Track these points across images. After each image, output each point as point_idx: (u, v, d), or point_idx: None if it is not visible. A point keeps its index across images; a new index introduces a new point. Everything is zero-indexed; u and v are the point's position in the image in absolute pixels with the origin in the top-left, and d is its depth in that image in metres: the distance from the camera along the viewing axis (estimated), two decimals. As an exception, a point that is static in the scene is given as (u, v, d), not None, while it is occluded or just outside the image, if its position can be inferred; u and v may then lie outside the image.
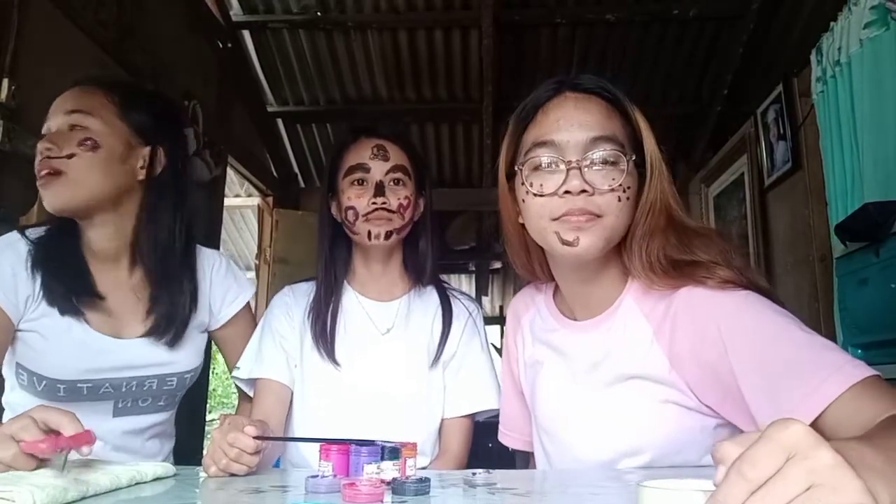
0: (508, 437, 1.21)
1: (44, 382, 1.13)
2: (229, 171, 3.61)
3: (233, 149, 3.46)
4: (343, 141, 1.33)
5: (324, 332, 1.28)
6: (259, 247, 4.17)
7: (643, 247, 0.90)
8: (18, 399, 1.18)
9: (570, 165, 0.88)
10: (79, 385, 1.15)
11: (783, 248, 3.06)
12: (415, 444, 0.84)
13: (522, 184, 0.92)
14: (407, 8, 3.41)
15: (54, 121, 1.17)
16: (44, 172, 1.13)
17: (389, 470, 0.79)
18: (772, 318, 0.80)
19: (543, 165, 0.90)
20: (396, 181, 1.28)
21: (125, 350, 1.18)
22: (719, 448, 0.48)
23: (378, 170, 1.27)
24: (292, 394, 1.29)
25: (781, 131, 2.96)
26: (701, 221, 3.84)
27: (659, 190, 0.92)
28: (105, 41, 2.26)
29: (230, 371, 1.37)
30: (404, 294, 1.35)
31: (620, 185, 0.88)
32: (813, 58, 2.51)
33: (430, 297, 1.37)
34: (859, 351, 1.78)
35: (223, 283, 1.34)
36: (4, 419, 1.16)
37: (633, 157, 0.91)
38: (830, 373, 0.72)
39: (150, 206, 1.22)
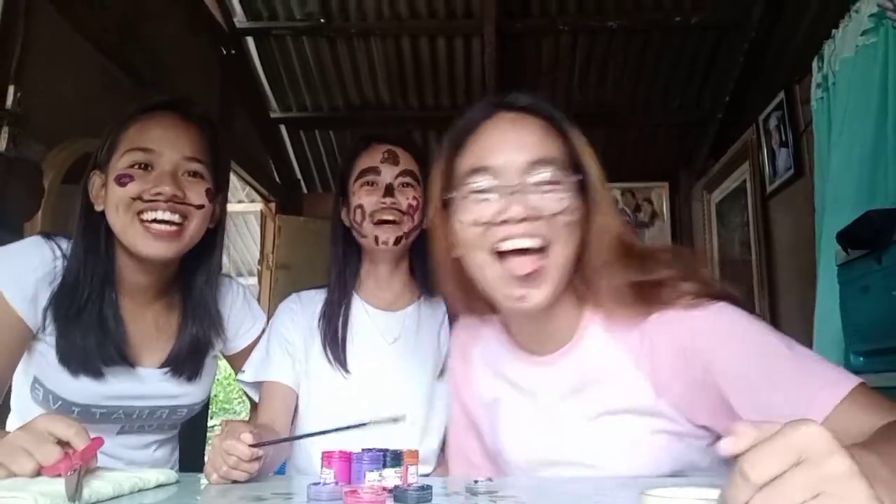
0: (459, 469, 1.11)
1: (59, 402, 1.11)
2: (232, 177, 3.62)
3: (235, 154, 3.47)
4: (355, 147, 1.35)
5: (335, 339, 1.28)
6: (261, 253, 4.17)
7: (606, 277, 0.85)
8: (31, 412, 1.12)
9: (508, 191, 0.82)
10: (93, 409, 1.13)
11: (786, 254, 3.06)
12: (416, 452, 0.84)
13: (458, 213, 0.86)
14: (410, 15, 3.42)
15: (167, 158, 1.08)
16: (167, 218, 1.06)
17: (391, 477, 0.79)
18: (750, 330, 0.79)
19: (481, 193, 0.83)
20: (405, 184, 1.29)
21: (142, 380, 1.16)
22: (736, 427, 0.46)
23: (388, 173, 1.29)
24: (297, 398, 1.29)
25: (783, 138, 2.96)
26: (704, 227, 3.84)
27: (606, 213, 0.86)
28: (109, 47, 2.27)
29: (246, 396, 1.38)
30: (411, 304, 1.35)
31: (566, 208, 0.83)
32: (814, 64, 2.52)
33: (438, 307, 1.37)
34: (861, 358, 1.77)
35: (240, 314, 1.32)
36: (11, 426, 1.17)
37: (576, 179, 0.85)
38: (821, 386, 0.70)
39: (207, 251, 1.19)
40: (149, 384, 1.17)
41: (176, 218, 1.07)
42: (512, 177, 0.82)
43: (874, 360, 1.72)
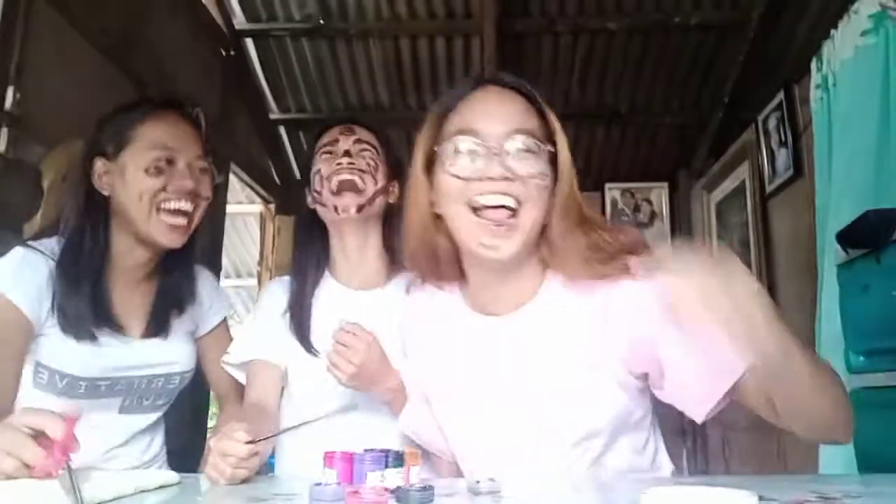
0: (439, 455, 1.14)
1: (66, 380, 1.17)
2: (231, 178, 3.62)
3: (235, 156, 3.47)
4: (322, 133, 1.38)
5: (300, 322, 1.28)
6: (261, 254, 4.17)
7: (569, 240, 0.94)
8: (33, 401, 1.17)
9: (492, 152, 0.91)
10: (98, 382, 1.20)
11: (785, 254, 3.06)
12: (418, 452, 0.84)
13: (444, 166, 0.94)
14: (409, 16, 3.43)
15: (184, 155, 1.23)
16: (184, 207, 1.21)
17: (393, 478, 0.79)
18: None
19: (466, 151, 0.93)
20: (363, 150, 1.31)
21: (134, 350, 1.25)
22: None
23: (346, 141, 1.31)
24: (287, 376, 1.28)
25: (783, 138, 2.96)
26: (704, 227, 3.86)
27: (571, 185, 0.96)
28: (108, 49, 2.27)
29: (211, 387, 1.43)
30: (387, 281, 1.33)
31: (539, 172, 0.93)
32: (813, 65, 2.52)
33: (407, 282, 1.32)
34: (861, 358, 1.77)
35: (210, 294, 1.41)
36: None
37: (550, 149, 0.95)
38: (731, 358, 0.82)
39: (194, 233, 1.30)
40: (140, 352, 1.25)
41: (191, 208, 1.23)
42: (495, 141, 0.92)
43: (874, 360, 1.72)
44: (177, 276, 1.33)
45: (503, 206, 0.91)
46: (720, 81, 3.61)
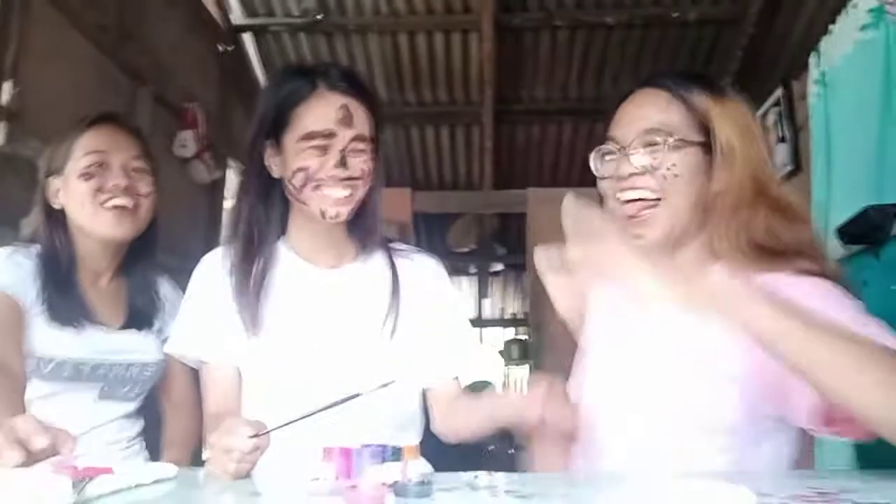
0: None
1: (52, 364, 1.27)
2: (229, 173, 3.62)
3: (233, 151, 3.46)
4: (298, 89, 1.11)
5: (249, 298, 1.13)
6: (259, 249, 4.15)
7: (727, 229, 0.96)
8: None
9: (621, 153, 1.01)
10: (81, 365, 1.30)
11: (783, 250, 3.06)
12: (416, 447, 0.84)
13: (594, 168, 1.07)
14: (407, 11, 3.42)
15: (117, 157, 1.33)
16: (124, 203, 1.32)
17: (391, 472, 0.79)
18: (837, 307, 0.87)
19: (605, 154, 1.05)
20: (359, 150, 1.12)
21: (114, 338, 1.36)
22: None
23: (342, 137, 1.09)
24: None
25: (782, 134, 2.96)
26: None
27: (737, 173, 0.96)
28: (105, 44, 2.26)
29: (159, 397, 1.47)
30: (353, 259, 1.22)
31: (672, 165, 0.97)
32: (812, 60, 2.52)
33: (380, 260, 1.24)
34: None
35: (171, 301, 1.48)
36: None
37: (676, 138, 0.98)
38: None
39: (148, 237, 1.43)
40: (119, 340, 1.37)
41: (130, 203, 1.34)
42: (626, 142, 1.01)
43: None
44: (142, 274, 1.46)
45: (640, 200, 0.98)
46: (718, 76, 3.61)
